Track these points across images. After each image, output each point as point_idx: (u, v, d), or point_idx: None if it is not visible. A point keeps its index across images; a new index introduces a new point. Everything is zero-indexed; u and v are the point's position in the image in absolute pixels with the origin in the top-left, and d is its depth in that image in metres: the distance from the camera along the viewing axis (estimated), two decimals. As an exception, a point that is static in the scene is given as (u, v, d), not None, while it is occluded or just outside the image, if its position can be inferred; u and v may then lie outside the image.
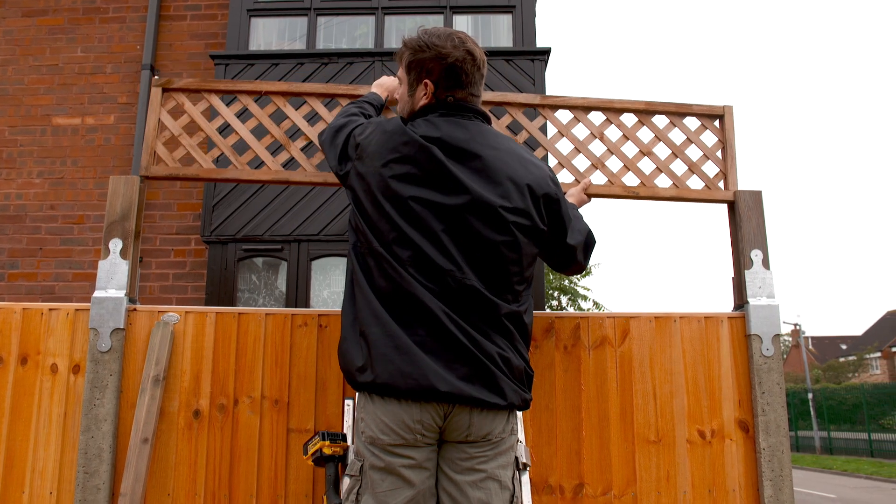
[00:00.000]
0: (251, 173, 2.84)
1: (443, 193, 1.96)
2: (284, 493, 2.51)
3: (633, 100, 2.90)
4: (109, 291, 2.61)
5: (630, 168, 2.86)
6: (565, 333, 2.69)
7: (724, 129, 2.92)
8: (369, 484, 1.86)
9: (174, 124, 2.86)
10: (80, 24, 7.70)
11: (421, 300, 1.89)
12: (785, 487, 2.58)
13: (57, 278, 7.05)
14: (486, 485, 1.90)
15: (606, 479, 2.58)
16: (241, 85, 2.90)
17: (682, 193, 2.86)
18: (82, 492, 2.44)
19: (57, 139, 7.38)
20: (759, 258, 2.77)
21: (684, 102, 2.92)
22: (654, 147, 2.90)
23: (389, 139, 2.05)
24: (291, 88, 2.92)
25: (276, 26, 7.67)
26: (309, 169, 2.84)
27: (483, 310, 1.93)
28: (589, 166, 2.87)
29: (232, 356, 2.61)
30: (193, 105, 2.91)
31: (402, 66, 2.20)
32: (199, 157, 2.86)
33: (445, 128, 2.05)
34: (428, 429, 1.87)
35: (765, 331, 2.69)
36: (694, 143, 2.91)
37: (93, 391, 2.51)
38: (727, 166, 2.89)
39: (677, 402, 2.66)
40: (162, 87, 2.87)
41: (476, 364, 1.88)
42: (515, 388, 1.94)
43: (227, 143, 2.87)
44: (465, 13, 7.56)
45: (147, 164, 2.78)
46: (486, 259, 1.95)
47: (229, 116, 2.89)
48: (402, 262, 1.92)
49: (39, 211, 7.21)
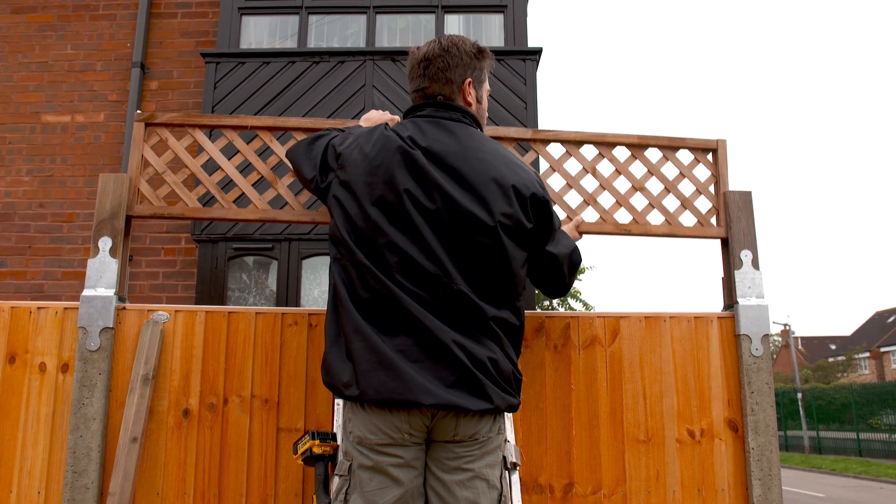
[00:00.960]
0: (237, 212, 2.76)
1: (429, 198, 1.96)
2: (274, 492, 2.51)
3: (626, 133, 2.86)
4: (98, 290, 2.59)
5: (622, 204, 2.83)
6: (555, 333, 2.69)
7: (717, 163, 2.89)
8: (358, 483, 1.86)
9: (158, 161, 2.77)
10: (70, 22, 7.67)
11: (406, 308, 1.88)
12: (774, 487, 2.60)
13: (46, 277, 7.01)
14: (473, 484, 1.90)
15: (596, 478, 2.59)
16: (227, 119, 2.81)
17: (674, 230, 2.83)
18: (71, 491, 2.43)
19: (46, 137, 7.35)
20: (749, 258, 2.78)
21: (677, 136, 2.89)
22: (647, 182, 2.87)
23: (373, 146, 2.05)
24: (278, 123, 2.84)
25: (268, 24, 7.66)
26: (297, 207, 2.76)
27: (471, 314, 1.92)
28: (581, 202, 2.83)
29: (222, 355, 2.60)
30: (177, 140, 2.81)
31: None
32: (183, 196, 2.77)
33: (431, 132, 2.06)
34: (416, 429, 1.88)
35: (754, 331, 2.70)
36: (687, 178, 2.88)
37: (81, 390, 2.50)
38: (720, 202, 2.86)
39: (667, 401, 2.67)
40: (145, 122, 2.77)
41: (463, 371, 1.87)
42: (503, 393, 1.93)
43: (213, 180, 2.79)
44: (456, 12, 7.56)
45: (130, 203, 2.69)
46: (474, 263, 1.95)
47: (214, 152, 2.80)
48: (388, 269, 1.91)
49: (28, 209, 7.17)
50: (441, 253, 1.93)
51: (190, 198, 2.77)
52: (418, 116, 2.14)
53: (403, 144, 2.02)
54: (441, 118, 2.11)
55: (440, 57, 2.14)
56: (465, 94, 2.16)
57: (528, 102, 7.04)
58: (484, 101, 2.25)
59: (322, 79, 7.17)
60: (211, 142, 2.81)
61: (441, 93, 2.14)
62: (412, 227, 1.94)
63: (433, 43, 2.18)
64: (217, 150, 2.81)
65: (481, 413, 1.90)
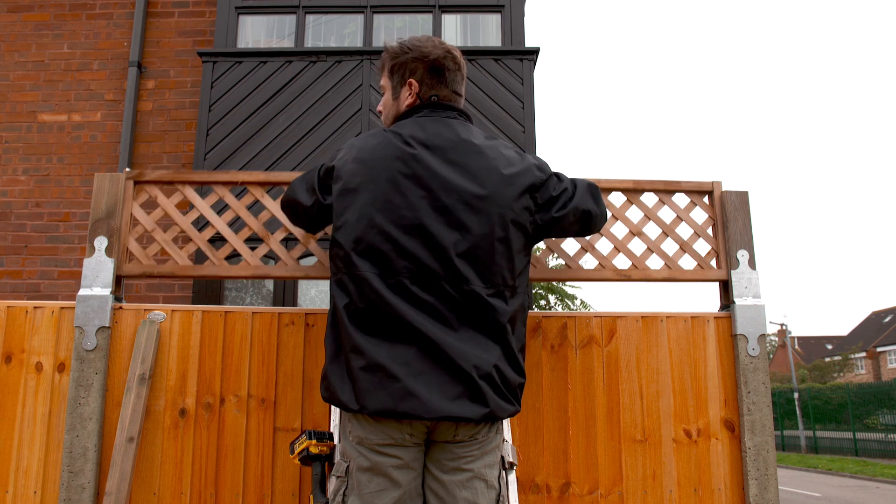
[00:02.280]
0: (229, 269, 2.70)
1: (433, 195, 1.95)
2: (271, 492, 2.51)
3: (620, 179, 2.83)
4: (95, 289, 2.59)
5: (621, 250, 2.81)
6: (552, 333, 2.69)
7: (713, 205, 2.88)
8: (356, 485, 1.86)
9: (147, 219, 2.72)
10: (67, 21, 7.65)
11: (407, 319, 1.86)
12: (770, 486, 2.60)
13: (42, 276, 7.00)
14: (472, 484, 1.90)
15: (593, 478, 2.59)
16: (218, 175, 2.75)
17: (674, 275, 2.80)
18: (67, 491, 2.43)
19: (43, 136, 7.33)
20: (746, 258, 2.78)
21: (672, 179, 2.87)
22: (645, 226, 2.85)
23: (373, 151, 2.03)
24: (269, 178, 2.75)
25: (265, 24, 7.65)
26: (289, 263, 2.71)
27: (482, 315, 1.91)
28: (579, 249, 2.81)
29: (218, 355, 2.60)
30: (167, 198, 2.76)
31: (385, 73, 2.22)
32: (174, 254, 2.71)
33: (431, 127, 2.05)
34: (417, 432, 1.88)
35: (751, 331, 2.71)
36: (684, 221, 2.86)
37: (78, 390, 2.50)
38: (719, 244, 2.84)
39: (663, 401, 2.67)
40: (134, 180, 2.72)
41: (468, 382, 1.85)
42: (505, 404, 1.91)
43: (203, 237, 2.73)
44: (453, 12, 7.56)
45: (119, 263, 2.65)
46: (482, 259, 1.93)
47: (205, 209, 2.74)
48: (395, 274, 1.89)
49: (25, 208, 7.15)
50: (451, 251, 1.91)
51: (181, 255, 2.71)
52: (417, 116, 2.14)
53: (403, 146, 2.01)
54: (439, 116, 2.11)
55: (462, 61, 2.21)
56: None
57: (525, 102, 7.04)
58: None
59: (319, 78, 7.17)
60: (201, 198, 2.75)
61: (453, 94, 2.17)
62: (419, 227, 1.92)
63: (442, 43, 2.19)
64: (207, 206, 2.75)
65: (481, 421, 1.90)
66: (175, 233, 2.76)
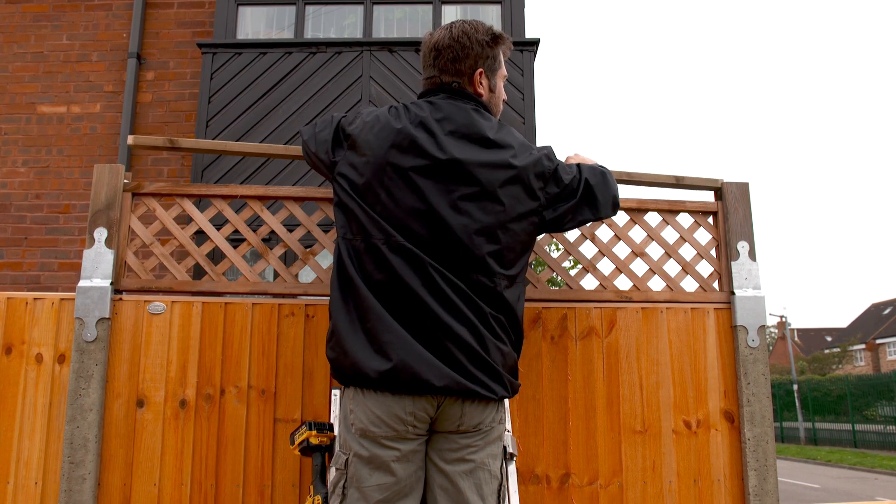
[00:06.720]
0: (227, 285, 2.68)
1: (442, 176, 1.97)
2: (271, 482, 2.51)
3: (624, 198, 2.78)
4: (95, 281, 2.59)
5: (622, 270, 2.80)
6: (552, 324, 2.69)
7: (717, 226, 2.86)
8: (355, 477, 1.86)
9: (145, 232, 2.69)
10: (66, 12, 7.63)
11: (419, 295, 1.88)
12: (769, 477, 2.60)
13: (42, 268, 7.00)
14: (476, 474, 1.90)
15: (593, 468, 2.59)
16: (216, 189, 2.72)
17: (676, 296, 2.78)
18: (67, 482, 2.43)
19: (42, 127, 7.32)
20: (746, 250, 2.78)
21: (677, 199, 2.85)
22: (647, 247, 2.83)
23: (385, 126, 2.03)
24: (268, 192, 2.74)
25: (264, 15, 7.63)
26: (289, 279, 2.70)
27: (486, 295, 1.94)
28: (580, 270, 2.80)
29: (218, 346, 2.60)
30: (165, 210, 2.71)
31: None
32: (172, 269, 2.67)
33: (446, 108, 2.07)
34: (420, 420, 1.87)
35: (751, 322, 2.70)
36: (688, 242, 2.84)
37: (78, 381, 2.50)
38: (722, 266, 2.82)
39: (663, 392, 2.67)
40: (132, 192, 2.69)
41: (473, 356, 1.88)
42: (508, 378, 1.96)
43: (202, 251, 2.70)
44: (454, 3, 7.54)
45: (117, 277, 2.62)
46: (488, 241, 1.96)
47: (203, 223, 2.73)
48: (402, 249, 1.91)
49: (24, 200, 7.15)
50: (460, 231, 1.93)
51: (179, 270, 2.68)
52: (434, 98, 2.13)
53: (410, 126, 2.01)
54: (455, 101, 2.10)
55: (450, 48, 2.11)
56: (475, 85, 2.14)
57: (526, 94, 7.03)
58: (498, 89, 2.21)
59: (319, 69, 7.15)
60: (200, 211, 2.72)
61: (454, 81, 2.14)
62: (427, 207, 1.94)
63: (444, 30, 2.15)
64: (206, 220, 2.73)
65: (487, 400, 1.91)
66: (173, 247, 2.73)
